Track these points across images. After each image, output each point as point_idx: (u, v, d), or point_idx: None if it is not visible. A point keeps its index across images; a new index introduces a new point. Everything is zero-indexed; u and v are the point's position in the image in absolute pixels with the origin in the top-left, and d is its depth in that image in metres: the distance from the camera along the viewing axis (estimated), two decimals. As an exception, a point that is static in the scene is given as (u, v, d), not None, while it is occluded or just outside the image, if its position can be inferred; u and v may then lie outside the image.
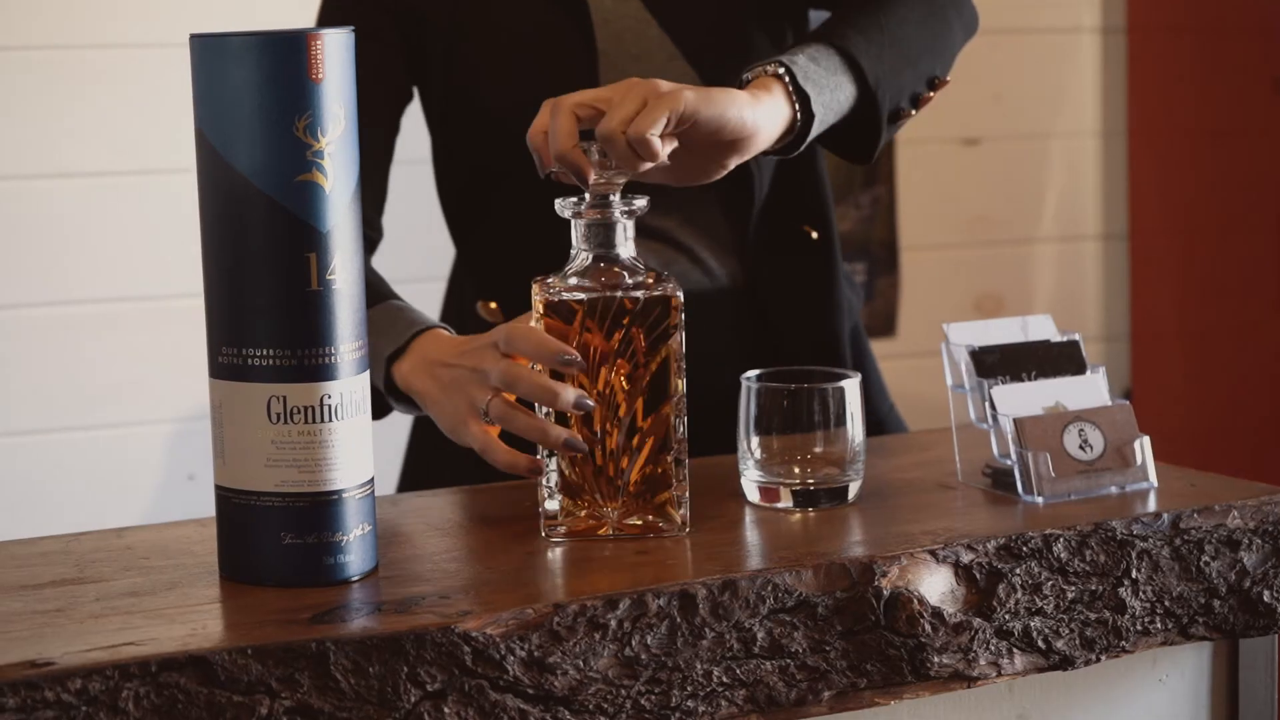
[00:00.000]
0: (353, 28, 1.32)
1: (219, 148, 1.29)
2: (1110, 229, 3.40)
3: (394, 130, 1.88)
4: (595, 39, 1.80)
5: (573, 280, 1.44)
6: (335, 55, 1.29)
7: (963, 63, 3.27)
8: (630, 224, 1.46)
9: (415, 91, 1.89)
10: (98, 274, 2.65)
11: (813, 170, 1.91)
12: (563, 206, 1.46)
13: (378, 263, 1.80)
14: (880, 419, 1.95)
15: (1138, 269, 3.38)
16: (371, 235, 1.84)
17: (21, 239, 2.64)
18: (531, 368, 1.44)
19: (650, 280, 1.44)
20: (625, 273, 1.45)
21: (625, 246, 1.46)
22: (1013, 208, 3.36)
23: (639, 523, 1.43)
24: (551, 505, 1.44)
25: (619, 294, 1.42)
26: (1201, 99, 3.26)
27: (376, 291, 1.70)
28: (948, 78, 1.77)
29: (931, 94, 1.74)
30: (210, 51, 1.30)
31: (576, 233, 1.46)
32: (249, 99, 1.28)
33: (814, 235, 1.90)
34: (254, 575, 1.33)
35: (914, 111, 1.72)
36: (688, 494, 1.45)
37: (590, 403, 1.42)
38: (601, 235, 1.45)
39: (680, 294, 1.43)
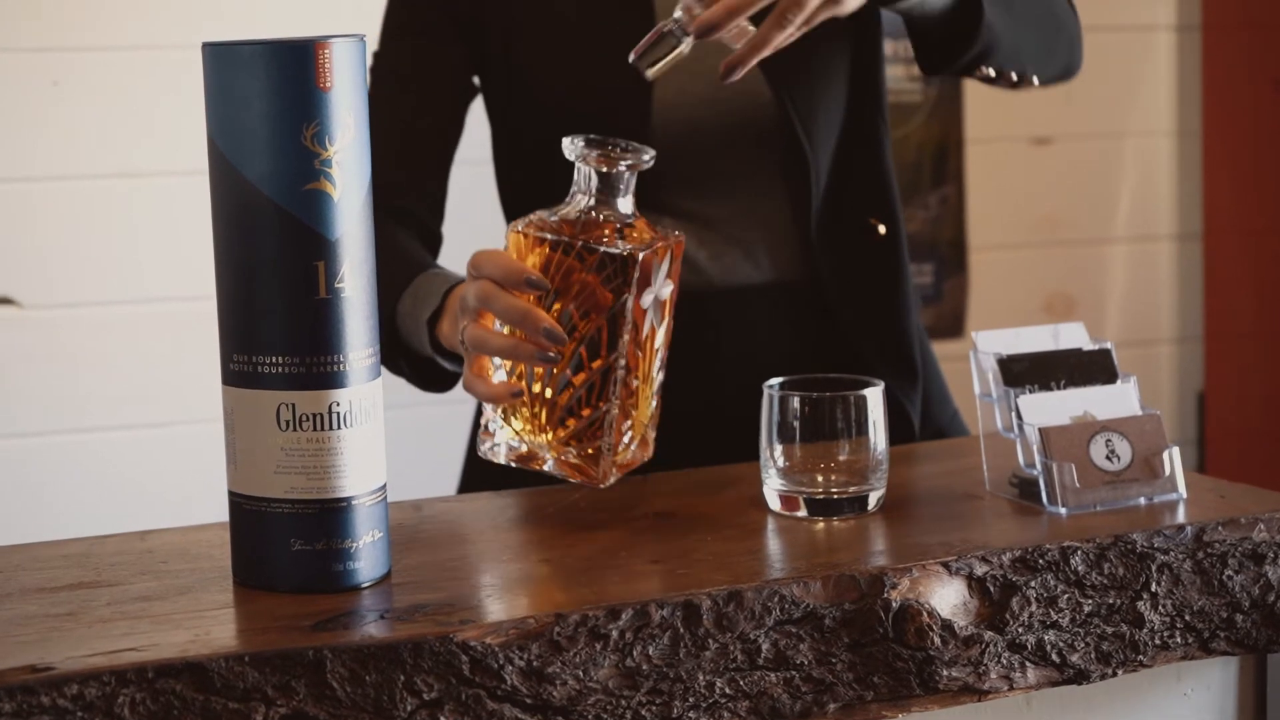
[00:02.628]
0: (363, 35, 1.32)
1: (229, 155, 1.30)
2: (1184, 229, 3.36)
3: (456, 125, 1.89)
4: (655, 18, 1.81)
5: (554, 219, 1.46)
6: (344, 64, 1.30)
7: (1034, 60, 3.26)
8: (632, 177, 1.47)
9: (478, 89, 1.91)
10: (166, 272, 2.68)
11: (879, 163, 1.89)
12: (570, 148, 1.47)
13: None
14: (942, 427, 1.93)
15: (1211, 269, 3.34)
16: (430, 225, 1.87)
17: (96, 238, 2.66)
18: None
19: (624, 237, 1.44)
20: (611, 227, 1.45)
21: (624, 201, 1.47)
22: (1084, 208, 3.33)
23: (571, 462, 1.47)
24: (493, 428, 1.48)
25: (580, 242, 1.43)
26: (1277, 98, 3.22)
27: (418, 264, 1.73)
28: (1021, 79, 1.77)
29: (1004, 76, 1.76)
30: (221, 60, 1.30)
31: (578, 175, 1.47)
32: (257, 107, 1.29)
33: (881, 229, 1.88)
34: (265, 581, 1.33)
35: (986, 72, 1.74)
36: (624, 447, 1.48)
37: (561, 332, 1.43)
38: (600, 183, 1.46)
39: (643, 256, 1.43)
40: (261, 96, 1.28)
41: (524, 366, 1.47)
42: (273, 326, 1.31)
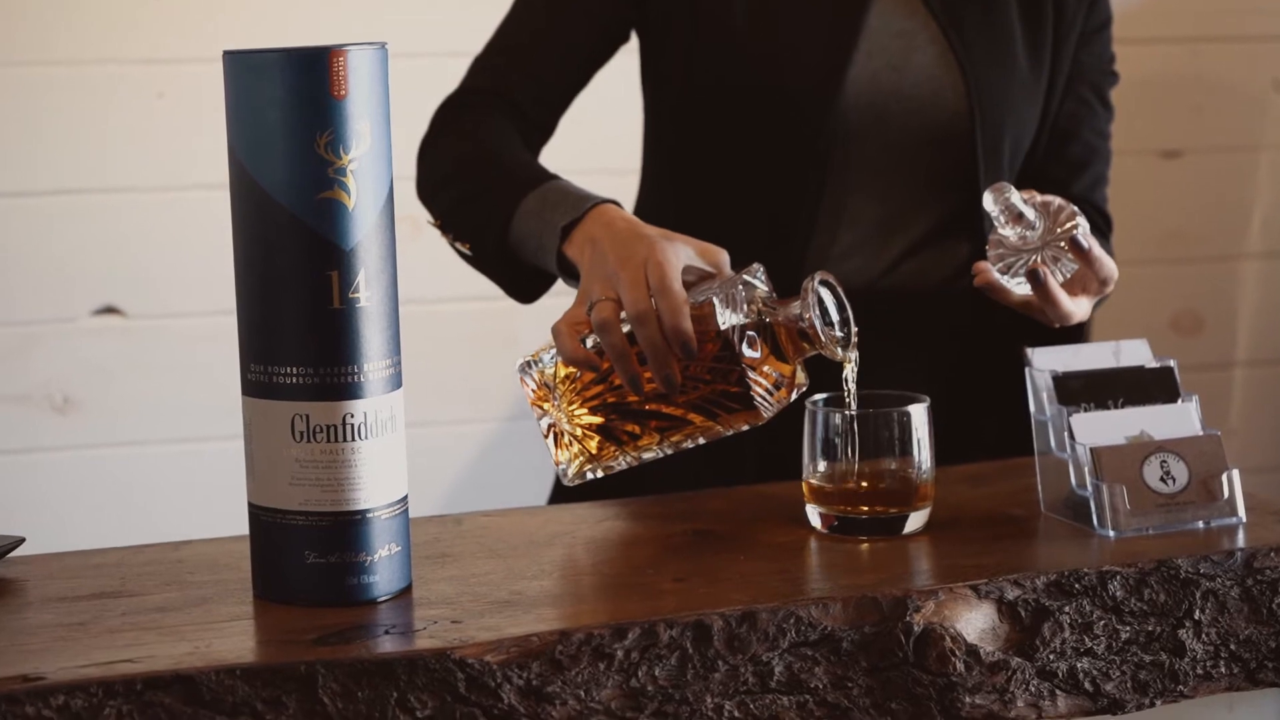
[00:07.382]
0: (384, 43, 1.31)
1: (246, 164, 1.29)
2: (1319, 245, 3.26)
3: (589, 54, 1.88)
4: None
5: (760, 305, 1.47)
6: (360, 72, 1.28)
7: (1162, 72, 3.19)
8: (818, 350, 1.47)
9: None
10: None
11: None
12: (813, 283, 1.47)
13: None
14: None
15: (1347, 287, 3.24)
16: (534, 117, 1.85)
17: (200, 248, 2.68)
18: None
19: (776, 387, 1.47)
20: (800, 341, 1.47)
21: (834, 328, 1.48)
22: (1214, 223, 3.24)
23: (559, 432, 1.51)
24: (545, 358, 1.52)
25: (742, 369, 1.45)
26: None
27: (537, 173, 1.72)
28: None
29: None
30: (239, 68, 1.29)
31: (806, 295, 1.46)
32: (272, 115, 1.27)
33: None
34: (281, 593, 1.32)
35: None
36: (600, 472, 1.53)
37: (676, 386, 1.45)
38: (802, 334, 1.47)
39: (767, 416, 1.47)
40: (276, 104, 1.27)
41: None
42: (287, 336, 1.29)
